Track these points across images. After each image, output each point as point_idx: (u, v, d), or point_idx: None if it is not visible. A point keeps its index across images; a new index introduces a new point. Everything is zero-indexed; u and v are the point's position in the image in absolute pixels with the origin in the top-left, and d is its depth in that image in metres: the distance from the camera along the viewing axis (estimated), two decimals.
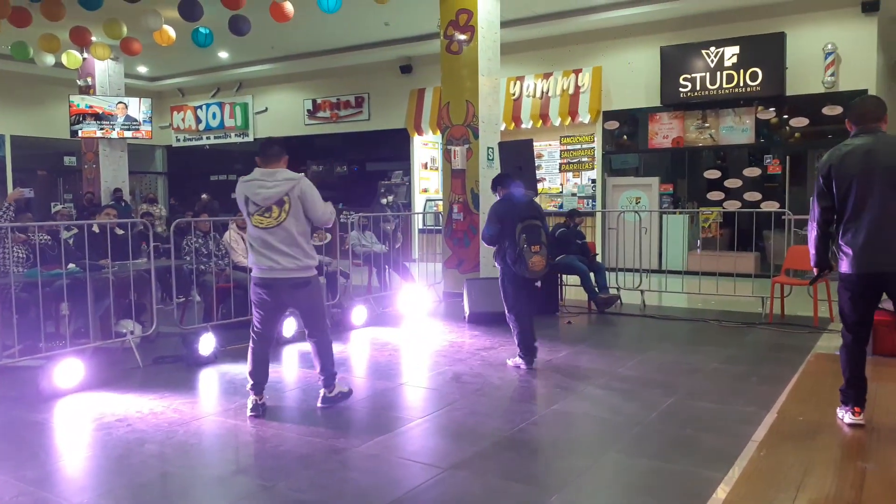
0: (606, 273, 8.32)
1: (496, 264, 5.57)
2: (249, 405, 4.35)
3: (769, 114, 10.88)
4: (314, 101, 15.20)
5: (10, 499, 3.17)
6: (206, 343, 5.67)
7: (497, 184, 5.72)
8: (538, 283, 7.87)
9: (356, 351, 6.34)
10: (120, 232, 6.62)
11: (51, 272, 5.62)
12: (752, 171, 10.99)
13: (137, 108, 13.24)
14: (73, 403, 4.68)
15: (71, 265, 5.67)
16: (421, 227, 13.41)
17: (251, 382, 4.38)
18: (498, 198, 5.62)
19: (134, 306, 6.14)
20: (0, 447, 3.86)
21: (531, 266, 5.21)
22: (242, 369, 5.48)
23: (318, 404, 4.47)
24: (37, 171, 15.72)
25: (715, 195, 11.19)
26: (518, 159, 8.03)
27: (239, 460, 3.71)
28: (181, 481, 3.46)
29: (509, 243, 5.29)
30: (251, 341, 4.41)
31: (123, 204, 12.10)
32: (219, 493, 3.32)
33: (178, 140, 17.16)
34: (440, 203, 11.15)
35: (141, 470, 3.55)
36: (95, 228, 6.38)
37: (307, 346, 6.29)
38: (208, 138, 16.70)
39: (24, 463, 3.61)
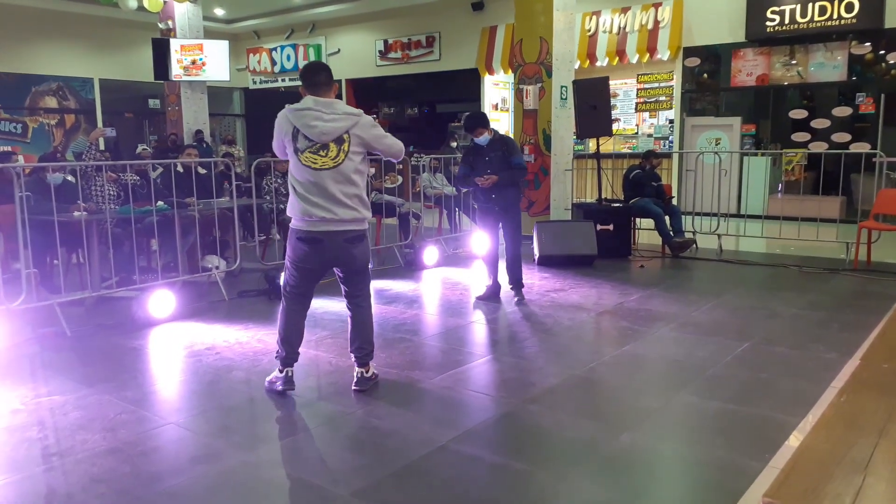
0: (682, 216, 8.13)
1: (513, 202, 5.76)
2: (281, 380, 3.72)
3: (864, 48, 10.19)
4: (385, 42, 15.13)
5: (115, 416, 3.45)
6: None
7: (483, 122, 5.70)
8: (610, 226, 7.82)
9: (428, 289, 6.47)
10: (202, 171, 6.87)
11: (141, 209, 5.92)
12: (843, 111, 10.39)
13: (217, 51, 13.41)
14: (166, 332, 5.00)
15: (160, 203, 5.95)
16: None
17: (284, 353, 3.70)
18: (483, 137, 5.66)
19: (218, 243, 6.42)
20: (103, 369, 4.18)
21: None
22: (321, 304, 5.71)
23: (354, 387, 3.76)
24: (124, 113, 16.36)
25: (800, 136, 10.66)
26: (592, 98, 7.86)
27: (320, 388, 3.90)
28: (267, 406, 3.67)
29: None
30: (286, 305, 3.76)
31: (205, 145, 12.48)
32: (302, 416, 3.52)
33: (254, 83, 17.47)
34: None
35: (230, 394, 3.79)
36: (180, 168, 6.65)
37: (381, 284, 6.53)
38: (283, 80, 16.92)
39: (125, 384, 3.91)
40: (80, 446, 3.10)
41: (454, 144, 13.67)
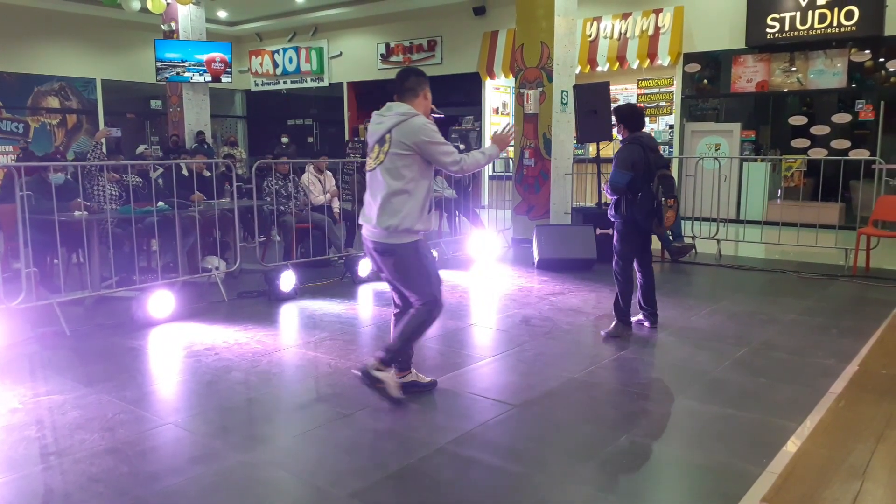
0: (682, 221, 8.13)
1: (613, 218, 4.91)
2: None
3: (864, 56, 10.21)
4: (387, 45, 15.16)
5: (113, 415, 3.45)
6: (287, 280, 5.91)
7: (623, 119, 4.92)
8: (610, 231, 7.81)
9: None
10: (207, 174, 6.89)
11: (142, 209, 5.93)
12: (842, 118, 10.41)
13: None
14: (165, 332, 5.00)
15: (160, 203, 5.95)
16: (491, 173, 13.35)
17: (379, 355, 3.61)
18: (620, 137, 4.95)
19: (218, 244, 6.42)
20: (102, 369, 4.18)
21: (665, 221, 4.69)
22: (321, 305, 5.74)
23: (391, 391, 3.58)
24: (126, 114, 16.38)
25: (799, 142, 10.68)
26: (593, 103, 7.87)
27: (319, 389, 3.90)
28: (265, 407, 3.68)
29: (643, 195, 4.69)
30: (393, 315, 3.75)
31: (206, 146, 12.51)
32: (301, 418, 3.52)
33: (256, 84, 17.49)
34: (510, 149, 11.06)
35: (228, 395, 3.79)
36: (185, 171, 6.66)
37: (382, 286, 6.52)
38: (285, 83, 16.95)
39: (124, 384, 3.90)
40: (79, 446, 3.10)
41: (461, 147, 13.69)
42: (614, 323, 4.91)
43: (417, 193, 3.39)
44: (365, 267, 6.68)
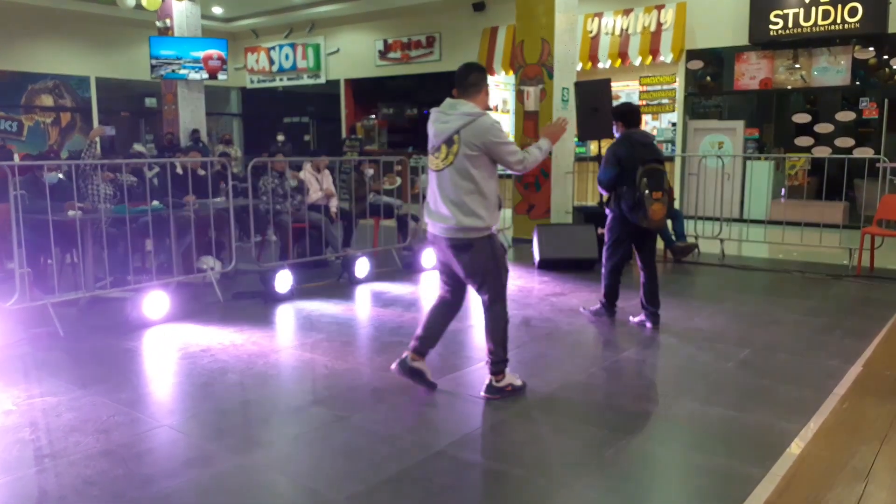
0: (684, 220, 8.08)
1: (607, 211, 5.01)
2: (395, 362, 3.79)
3: (868, 53, 10.15)
4: (385, 42, 15.09)
5: (108, 417, 3.40)
6: (283, 280, 5.85)
7: (619, 117, 4.99)
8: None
9: (425, 293, 6.41)
10: (202, 172, 6.83)
11: (136, 209, 5.87)
12: (846, 116, 10.35)
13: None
14: (160, 333, 4.94)
15: (154, 202, 5.89)
16: None
17: (412, 345, 3.78)
18: (616, 134, 4.99)
19: (214, 244, 6.36)
20: (96, 371, 4.12)
21: (651, 214, 4.65)
22: (318, 306, 5.69)
23: (482, 392, 3.67)
24: (120, 112, 16.31)
25: (803, 141, 10.62)
26: (594, 101, 7.80)
27: (315, 391, 3.85)
28: (261, 409, 3.62)
29: (627, 188, 4.72)
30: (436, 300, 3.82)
31: (201, 145, 12.46)
32: (297, 421, 3.47)
33: (252, 82, 17.42)
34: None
35: (224, 397, 3.73)
36: (179, 170, 6.59)
37: (380, 286, 6.48)
38: (281, 80, 16.88)
39: (119, 386, 3.85)
40: (73, 448, 3.05)
41: None
42: (598, 306, 5.32)
43: (489, 192, 3.49)
44: (362, 267, 6.62)
